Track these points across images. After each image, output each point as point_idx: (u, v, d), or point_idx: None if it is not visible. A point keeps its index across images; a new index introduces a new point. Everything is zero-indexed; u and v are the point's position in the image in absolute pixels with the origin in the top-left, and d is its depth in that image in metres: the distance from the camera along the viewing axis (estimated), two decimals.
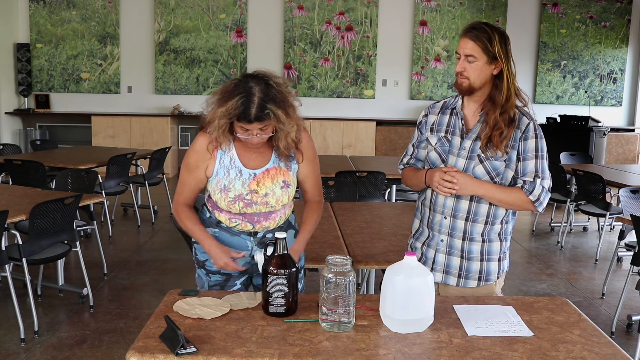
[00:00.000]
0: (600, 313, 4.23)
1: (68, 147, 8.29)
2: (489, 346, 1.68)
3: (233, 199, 2.15)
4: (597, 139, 7.74)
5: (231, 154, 2.15)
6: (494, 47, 2.05)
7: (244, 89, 1.96)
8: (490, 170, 2.12)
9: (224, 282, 2.26)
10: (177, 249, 5.41)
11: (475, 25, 2.10)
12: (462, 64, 2.09)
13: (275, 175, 2.16)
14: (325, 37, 9.79)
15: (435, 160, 2.23)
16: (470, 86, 2.10)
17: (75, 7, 9.72)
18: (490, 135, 2.09)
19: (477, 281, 2.21)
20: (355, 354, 1.61)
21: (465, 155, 2.15)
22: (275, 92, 1.98)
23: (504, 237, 2.22)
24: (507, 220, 2.22)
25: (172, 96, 9.85)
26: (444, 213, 2.20)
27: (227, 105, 1.95)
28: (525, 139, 2.11)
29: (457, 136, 2.18)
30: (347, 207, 3.89)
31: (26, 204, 3.72)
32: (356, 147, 9.50)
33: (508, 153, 2.11)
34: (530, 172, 2.10)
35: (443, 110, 2.25)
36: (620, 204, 4.88)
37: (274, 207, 2.17)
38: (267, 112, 1.95)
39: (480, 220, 2.17)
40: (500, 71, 2.09)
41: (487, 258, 2.20)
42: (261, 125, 1.99)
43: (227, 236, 2.23)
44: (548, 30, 9.82)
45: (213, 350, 1.60)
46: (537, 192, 2.09)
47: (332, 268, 1.75)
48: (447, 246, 2.21)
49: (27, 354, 3.35)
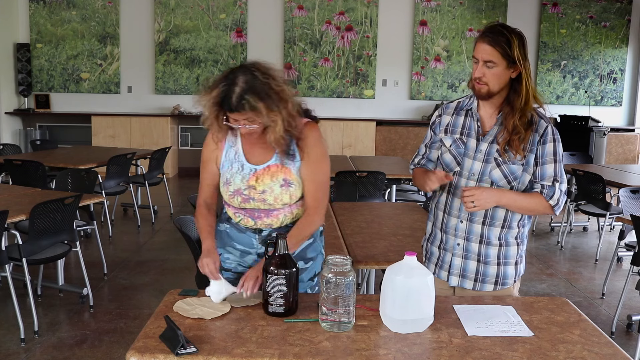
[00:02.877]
0: (600, 313, 4.23)
1: (68, 147, 8.29)
2: (489, 346, 1.68)
3: (232, 193, 2.16)
4: (597, 139, 7.74)
5: (236, 147, 2.17)
6: (513, 51, 2.00)
7: (229, 78, 1.96)
8: (507, 174, 2.10)
9: (235, 280, 2.22)
10: (177, 249, 5.41)
11: (493, 29, 2.04)
12: (480, 69, 2.04)
13: (276, 173, 2.13)
14: (325, 37, 9.79)
15: (449, 162, 2.19)
16: (489, 91, 2.06)
17: (75, 7, 9.72)
18: (509, 139, 2.06)
19: (493, 285, 2.18)
20: (355, 354, 1.61)
21: (482, 158, 2.12)
22: (260, 83, 1.95)
23: (521, 240, 2.20)
24: (524, 224, 2.19)
25: (172, 96, 9.85)
26: (460, 217, 2.17)
27: (212, 93, 1.97)
28: (544, 142, 2.08)
29: (472, 138, 2.15)
30: (347, 207, 3.89)
31: (26, 204, 3.72)
32: (356, 147, 9.50)
33: (526, 157, 2.08)
34: (549, 176, 2.08)
35: (458, 111, 2.21)
36: (620, 204, 4.88)
37: (272, 205, 2.15)
38: (244, 102, 1.92)
39: (497, 224, 2.14)
40: (519, 74, 2.05)
41: (504, 262, 2.18)
42: (244, 117, 1.97)
43: (235, 232, 2.25)
44: (548, 30, 9.82)
45: (213, 350, 1.60)
46: (556, 196, 2.08)
47: (332, 268, 1.75)
48: (463, 250, 2.18)
49: (27, 354, 3.35)
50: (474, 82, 2.08)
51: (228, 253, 2.28)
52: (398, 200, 5.58)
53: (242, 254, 2.26)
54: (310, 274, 2.25)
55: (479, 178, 2.12)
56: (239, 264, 2.27)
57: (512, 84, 2.07)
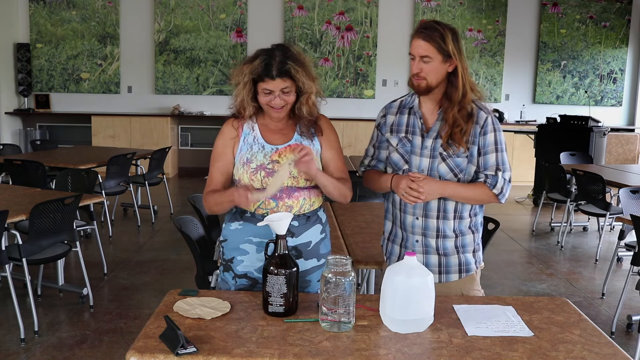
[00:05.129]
0: (600, 313, 4.23)
1: (68, 147, 8.29)
2: (489, 346, 1.68)
3: (255, 169, 2.15)
4: (597, 139, 7.73)
5: (255, 133, 2.21)
6: (447, 45, 2.07)
7: (267, 52, 2.12)
8: (453, 168, 2.14)
9: (250, 286, 2.21)
10: (177, 249, 5.41)
11: (427, 25, 2.11)
12: (417, 65, 2.11)
13: (297, 150, 2.16)
14: (325, 37, 9.79)
15: (397, 161, 2.23)
16: (427, 86, 2.12)
17: (75, 7, 9.72)
18: (451, 132, 2.11)
19: (458, 274, 2.22)
20: (355, 354, 1.61)
21: (428, 154, 2.16)
22: (296, 54, 2.12)
23: (475, 229, 2.25)
24: (476, 213, 2.25)
25: (172, 96, 9.85)
26: (415, 214, 2.21)
27: (252, 64, 2.09)
28: (485, 133, 2.13)
29: (417, 136, 2.19)
30: (347, 207, 3.89)
31: (26, 204, 3.72)
32: (356, 147, 9.49)
33: (469, 149, 2.13)
34: (491, 165, 2.13)
35: (401, 110, 2.26)
36: (620, 204, 4.88)
37: (296, 177, 2.15)
38: (288, 67, 2.07)
39: (450, 216, 2.19)
40: (455, 68, 2.11)
41: (463, 251, 2.22)
42: (284, 85, 2.08)
43: (250, 226, 2.19)
44: (548, 30, 9.82)
45: (213, 350, 1.60)
46: (499, 185, 2.13)
47: (332, 268, 1.75)
48: (422, 245, 2.22)
49: (27, 354, 3.35)
50: (412, 78, 2.14)
51: (242, 254, 2.21)
52: None
53: (259, 248, 2.19)
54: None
55: (428, 174, 2.16)
56: (254, 267, 2.21)
57: (450, 78, 2.13)
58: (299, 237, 2.20)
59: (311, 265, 2.23)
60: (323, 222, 2.30)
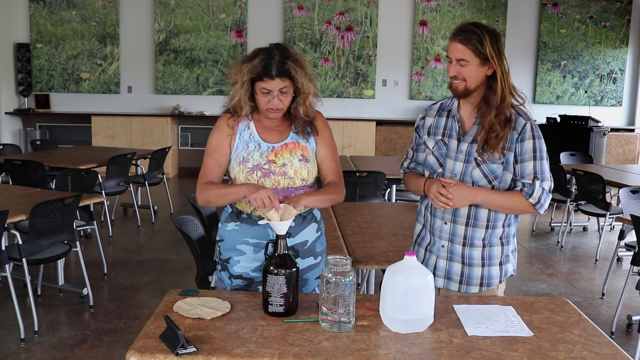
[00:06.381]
0: (600, 313, 4.23)
1: (68, 147, 8.29)
2: (489, 346, 1.68)
3: (251, 169, 2.15)
4: (597, 139, 7.73)
5: (250, 130, 2.21)
6: (485, 48, 2.02)
7: (265, 51, 2.13)
8: (487, 174, 2.10)
9: (245, 286, 2.22)
10: (177, 249, 5.41)
11: (464, 28, 2.07)
12: (454, 68, 2.07)
13: (294, 149, 2.19)
14: (325, 37, 9.79)
15: (433, 164, 2.21)
16: (466, 88, 2.07)
17: (75, 7, 9.72)
18: (487, 138, 2.06)
19: (478, 287, 2.18)
20: (355, 354, 1.61)
21: (463, 159, 2.12)
22: (294, 54, 2.14)
23: (506, 240, 2.19)
24: (510, 224, 2.18)
25: (172, 96, 9.85)
26: (444, 218, 2.18)
27: (251, 63, 2.10)
28: (522, 140, 2.07)
29: (454, 139, 2.15)
30: (347, 207, 3.89)
31: (26, 204, 3.72)
32: (356, 147, 9.50)
33: (505, 155, 2.08)
34: (528, 174, 2.06)
35: (440, 113, 2.22)
36: (620, 204, 4.88)
37: (292, 178, 2.16)
38: (287, 67, 2.07)
39: (481, 225, 2.14)
40: (494, 72, 2.06)
41: (488, 263, 2.17)
42: (282, 85, 2.08)
43: (246, 227, 2.20)
44: (548, 30, 9.82)
45: (213, 350, 1.60)
46: (536, 194, 2.06)
47: (332, 268, 1.75)
48: (447, 252, 2.18)
49: (27, 354, 3.35)
50: (450, 81, 2.11)
51: (239, 255, 2.22)
52: (398, 200, 5.58)
53: (256, 249, 2.20)
54: (318, 272, 2.25)
55: (461, 179, 2.13)
56: (250, 268, 2.21)
57: (489, 82, 2.08)
58: (295, 237, 2.21)
59: (308, 263, 2.24)
60: (318, 219, 2.32)
